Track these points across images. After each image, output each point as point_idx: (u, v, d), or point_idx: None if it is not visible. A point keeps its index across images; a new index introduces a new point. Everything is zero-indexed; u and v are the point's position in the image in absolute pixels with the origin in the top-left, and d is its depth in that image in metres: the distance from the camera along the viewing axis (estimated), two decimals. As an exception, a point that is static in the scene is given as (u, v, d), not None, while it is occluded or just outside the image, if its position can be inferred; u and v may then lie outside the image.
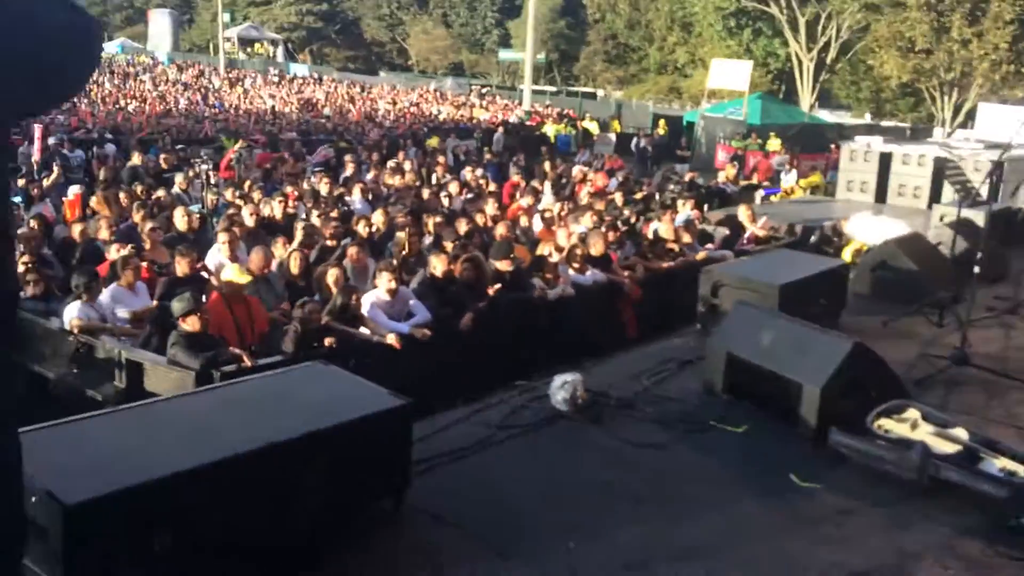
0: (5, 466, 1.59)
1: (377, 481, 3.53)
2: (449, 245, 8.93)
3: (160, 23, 71.31)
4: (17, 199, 11.06)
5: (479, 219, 10.91)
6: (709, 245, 10.47)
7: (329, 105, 35.80)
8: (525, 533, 3.45)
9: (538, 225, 11.31)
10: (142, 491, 2.70)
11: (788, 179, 19.24)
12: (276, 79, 47.38)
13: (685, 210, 11.79)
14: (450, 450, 4.02)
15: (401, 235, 8.79)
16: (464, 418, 4.33)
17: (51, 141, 16.17)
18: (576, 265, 8.49)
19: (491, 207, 11.43)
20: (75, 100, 28.53)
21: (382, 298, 6.84)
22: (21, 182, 11.66)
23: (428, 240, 9.48)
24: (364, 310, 6.82)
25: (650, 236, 10.42)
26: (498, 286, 7.62)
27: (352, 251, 8.16)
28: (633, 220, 11.71)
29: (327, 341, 6.05)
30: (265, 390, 3.48)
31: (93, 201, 10.39)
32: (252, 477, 2.99)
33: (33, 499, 2.55)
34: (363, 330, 6.63)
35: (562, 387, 4.37)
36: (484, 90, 43.82)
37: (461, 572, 3.19)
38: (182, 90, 39.82)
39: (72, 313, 6.35)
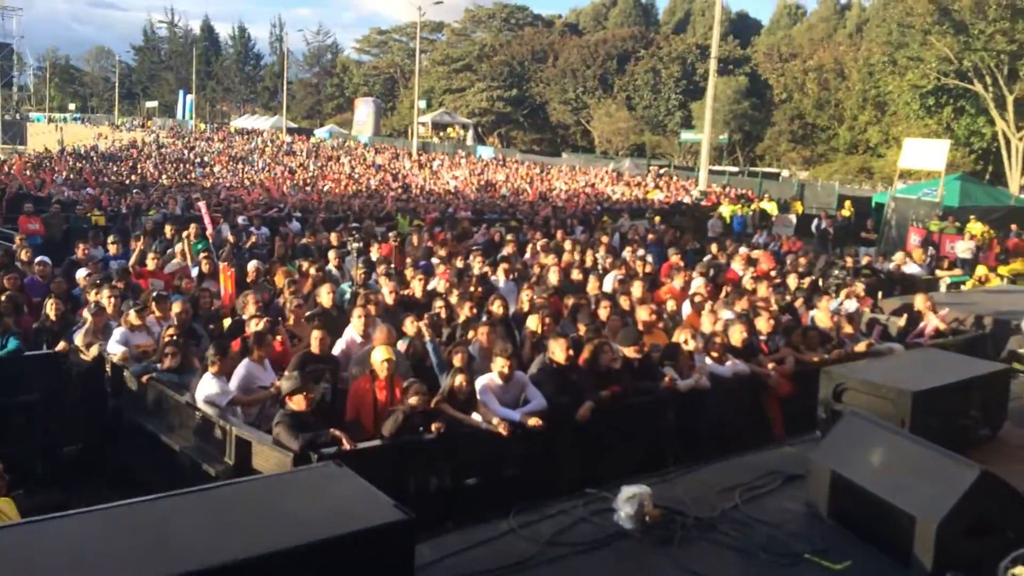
0: None
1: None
2: (582, 329, 8.60)
3: (364, 110, 77.18)
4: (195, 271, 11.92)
5: (623, 302, 10.50)
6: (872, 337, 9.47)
7: (507, 185, 36.86)
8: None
9: (687, 311, 10.75)
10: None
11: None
12: (462, 161, 49.54)
13: (851, 298, 10.80)
14: (482, 571, 3.52)
15: (534, 317, 8.56)
16: (512, 530, 3.87)
17: (240, 220, 17.57)
18: (715, 354, 7.89)
19: (638, 289, 10.98)
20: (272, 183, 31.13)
21: (495, 382, 6.60)
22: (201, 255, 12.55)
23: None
24: (477, 394, 6.61)
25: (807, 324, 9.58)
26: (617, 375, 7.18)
27: (481, 331, 8.02)
28: (798, 306, 10.87)
29: (434, 427, 5.84)
30: (260, 494, 3.22)
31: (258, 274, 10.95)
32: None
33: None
34: (476, 415, 6.40)
35: (628, 500, 3.86)
36: (661, 171, 43.53)
37: None
38: (375, 171, 42.49)
39: (203, 388, 6.56)
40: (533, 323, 8.47)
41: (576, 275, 12.66)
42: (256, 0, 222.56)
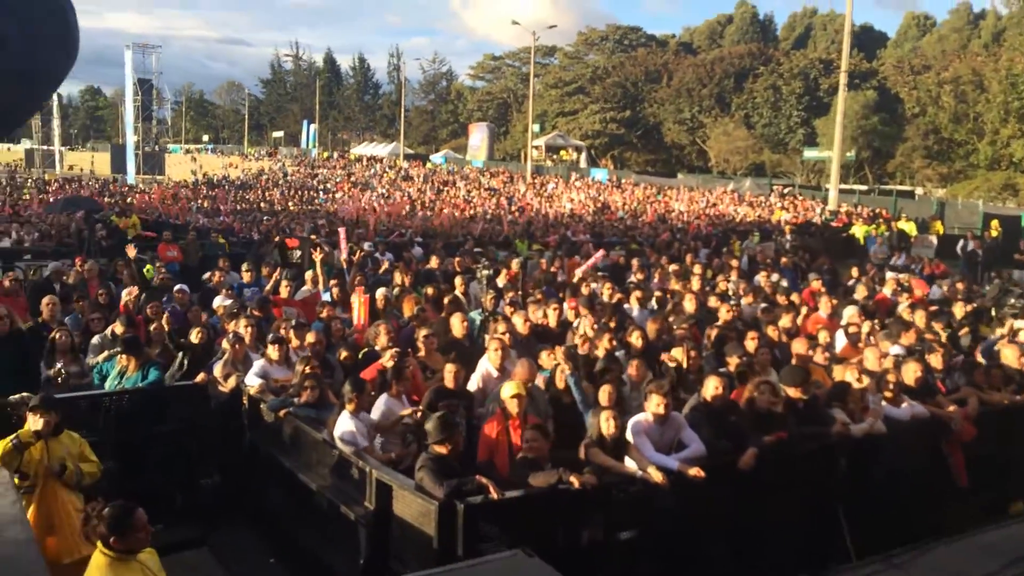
0: None
1: None
2: (733, 363, 7.95)
3: (478, 135, 78.21)
4: (326, 297, 11.89)
5: (771, 332, 9.77)
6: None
7: (624, 207, 36.21)
8: None
9: (841, 342, 9.91)
10: None
11: None
12: (577, 183, 49.17)
13: (1032, 329, 9.69)
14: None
15: (678, 350, 7.97)
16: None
17: (366, 246, 17.66)
18: (889, 395, 7.08)
19: (786, 320, 10.21)
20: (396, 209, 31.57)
21: (649, 423, 6.07)
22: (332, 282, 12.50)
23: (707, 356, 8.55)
24: (628, 435, 6.08)
25: (983, 360, 8.60)
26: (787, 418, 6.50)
27: (631, 366, 7.50)
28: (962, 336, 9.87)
29: (575, 481, 5.33)
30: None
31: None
32: None
33: None
34: (628, 462, 5.87)
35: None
36: (786, 190, 41.85)
37: None
38: (490, 195, 42.66)
39: (340, 425, 6.31)
40: (679, 356, 7.89)
41: (713, 302, 11.95)
42: (375, 31, 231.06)
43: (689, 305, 11.22)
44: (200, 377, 7.85)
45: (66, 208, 23.94)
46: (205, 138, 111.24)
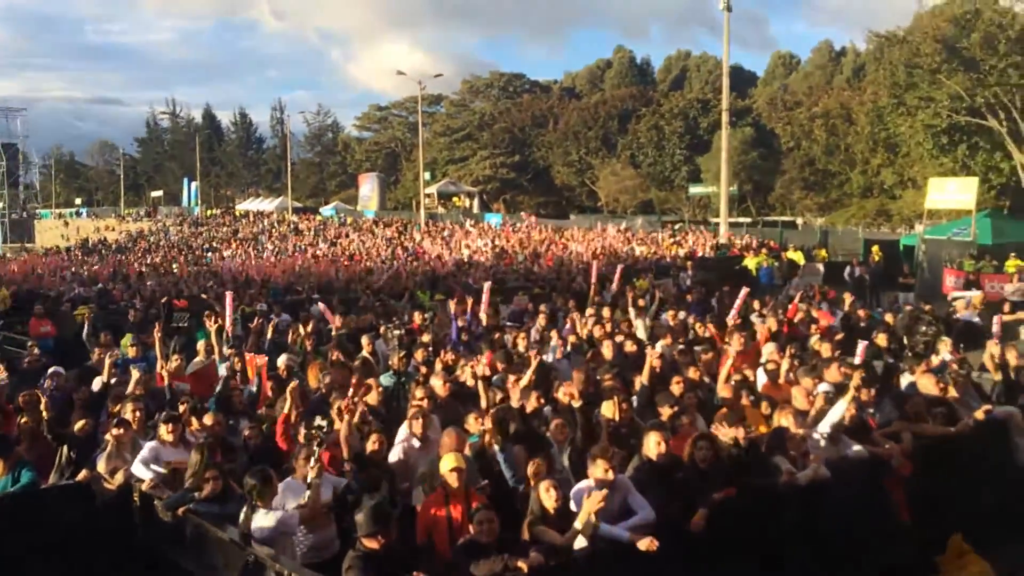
0: None
1: None
2: (665, 413, 7.65)
3: (368, 185, 77.56)
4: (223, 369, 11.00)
5: (693, 374, 9.55)
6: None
7: (522, 251, 36.15)
8: None
9: (761, 380, 9.80)
10: None
11: None
12: (471, 229, 49.03)
13: (943, 354, 9.84)
14: None
15: (609, 404, 7.59)
16: None
17: (259, 307, 16.73)
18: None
19: (707, 358, 10.05)
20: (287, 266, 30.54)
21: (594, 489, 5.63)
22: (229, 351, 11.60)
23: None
24: (572, 506, 5.63)
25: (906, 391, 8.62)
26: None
27: (554, 425, 7.08)
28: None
29: (523, 566, 4.80)
30: None
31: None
32: None
33: None
34: (576, 533, 5.39)
35: None
36: (676, 226, 42.91)
37: None
38: (385, 246, 41.92)
39: (258, 527, 5.60)
40: (608, 411, 7.51)
41: (629, 346, 11.70)
42: (255, 87, 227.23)
43: (607, 352, 10.92)
44: (82, 475, 6.94)
45: (-79, 285, 21.84)
46: (78, 201, 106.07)
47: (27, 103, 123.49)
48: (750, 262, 28.57)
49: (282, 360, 10.54)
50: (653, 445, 6.10)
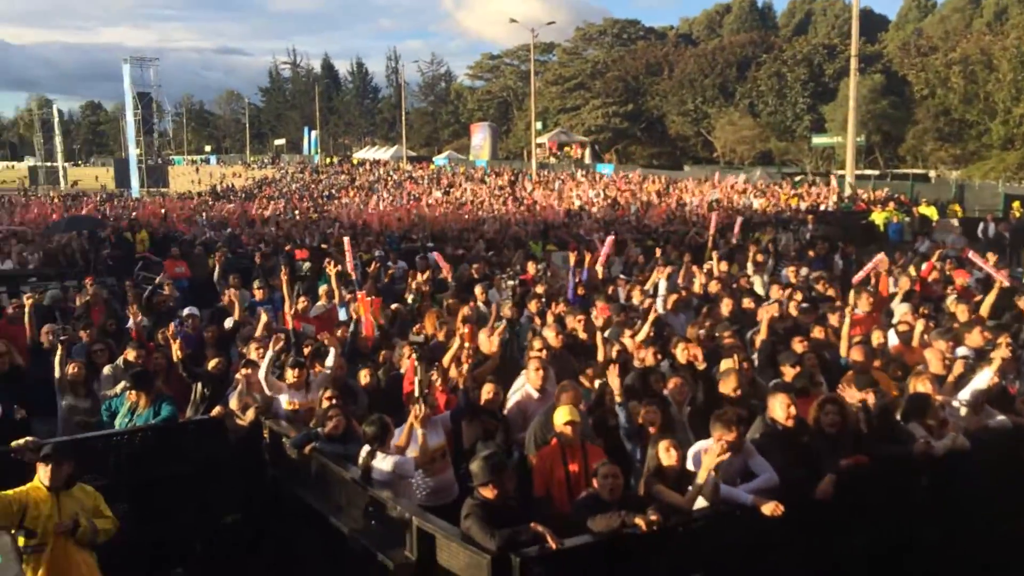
0: None
1: None
2: (789, 374, 7.37)
3: (480, 135, 77.67)
4: (343, 315, 11.33)
5: (818, 334, 9.16)
6: None
7: (636, 202, 35.53)
8: None
9: (892, 342, 9.30)
10: None
11: None
12: (583, 179, 48.54)
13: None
14: None
15: (729, 362, 7.37)
16: None
17: (376, 254, 17.09)
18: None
19: (833, 319, 9.61)
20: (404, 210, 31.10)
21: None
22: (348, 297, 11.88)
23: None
24: (690, 464, 5.52)
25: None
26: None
27: (672, 384, 6.93)
28: None
29: (641, 523, 4.72)
30: None
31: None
32: None
33: None
34: (694, 494, 5.28)
35: None
36: (797, 178, 41.16)
37: None
38: (496, 194, 42.05)
39: (377, 469, 5.77)
40: (729, 374, 7.24)
41: (747, 303, 11.33)
42: (370, 36, 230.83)
43: (725, 308, 10.62)
44: (216, 411, 7.31)
45: (69, 228, 23.39)
46: (207, 148, 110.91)
47: (159, 52, 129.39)
48: (877, 217, 27.14)
49: (394, 308, 10.84)
50: (780, 408, 5.87)
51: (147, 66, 62.39)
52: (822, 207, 30.34)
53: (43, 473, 5.26)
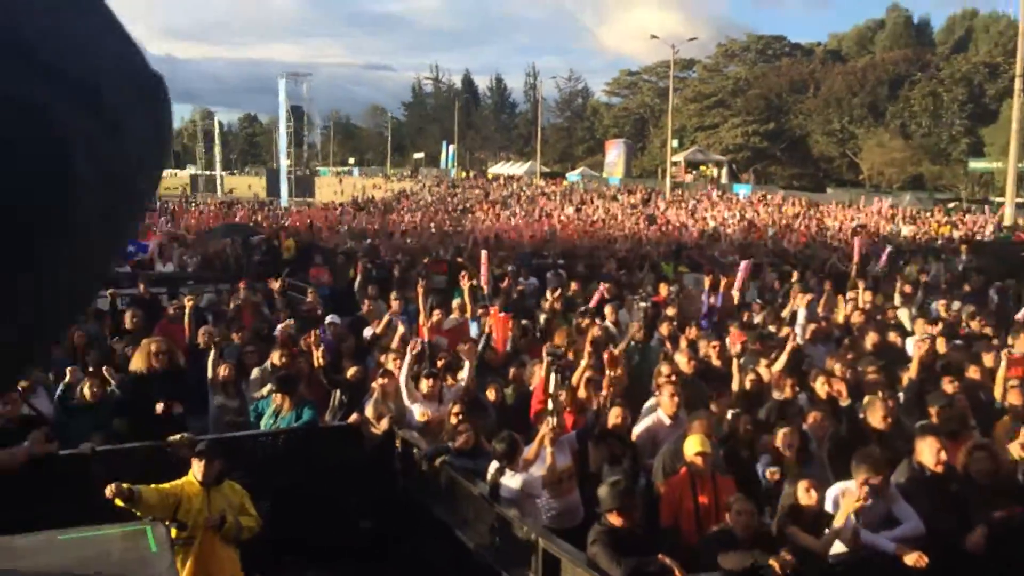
0: None
1: None
2: (936, 414, 6.95)
3: (614, 152, 77.47)
4: (474, 330, 11.55)
5: (973, 374, 8.61)
6: None
7: (773, 225, 34.50)
8: None
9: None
10: None
11: None
12: (718, 200, 47.54)
13: None
14: None
15: (873, 400, 7.03)
16: None
17: (509, 269, 17.31)
18: None
19: (988, 359, 9.01)
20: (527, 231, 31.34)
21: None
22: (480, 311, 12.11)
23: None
24: (828, 506, 5.30)
25: None
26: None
27: (812, 418, 6.69)
28: None
29: (775, 565, 4.56)
30: None
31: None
32: None
33: None
34: (831, 538, 5.07)
35: None
36: (951, 205, 38.82)
37: None
38: (629, 212, 41.81)
39: (505, 486, 5.85)
40: (872, 408, 6.94)
41: (892, 337, 10.80)
42: (509, 52, 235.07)
43: (869, 341, 10.14)
44: (353, 418, 7.61)
45: (225, 234, 24.98)
46: (351, 160, 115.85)
47: (311, 68, 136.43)
48: (1042, 249, 25.21)
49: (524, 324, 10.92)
50: (929, 451, 5.56)
51: (300, 81, 65.81)
52: (978, 237, 28.51)
53: (196, 468, 5.59)
